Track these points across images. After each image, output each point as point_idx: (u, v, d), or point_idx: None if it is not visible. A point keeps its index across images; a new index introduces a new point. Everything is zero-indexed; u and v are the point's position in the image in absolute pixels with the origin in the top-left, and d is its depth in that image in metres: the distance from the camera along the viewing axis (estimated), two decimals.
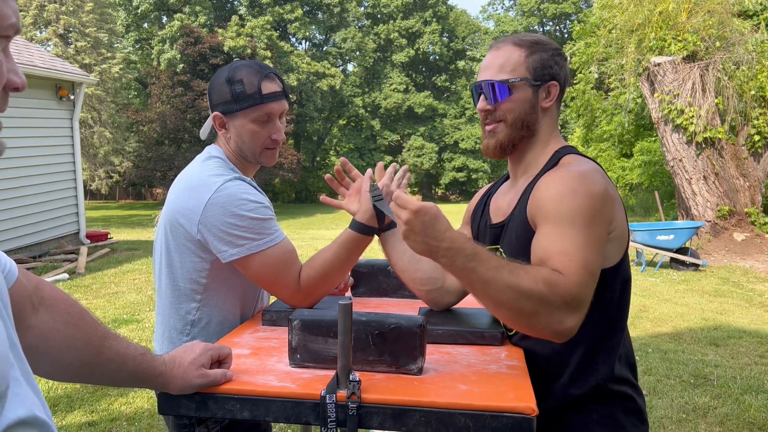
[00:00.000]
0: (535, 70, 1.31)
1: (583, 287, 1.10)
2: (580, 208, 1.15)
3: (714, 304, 6.67)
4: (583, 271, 1.11)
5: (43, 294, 0.96)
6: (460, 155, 36.39)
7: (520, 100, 1.31)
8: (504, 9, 44.41)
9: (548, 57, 1.32)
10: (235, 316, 1.57)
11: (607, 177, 1.25)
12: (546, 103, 1.33)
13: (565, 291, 1.08)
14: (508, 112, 1.32)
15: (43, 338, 0.94)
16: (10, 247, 8.22)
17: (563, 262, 1.11)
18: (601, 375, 1.25)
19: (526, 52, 1.32)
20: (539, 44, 1.33)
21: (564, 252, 1.12)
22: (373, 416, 1.05)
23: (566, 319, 1.09)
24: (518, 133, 1.33)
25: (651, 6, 10.85)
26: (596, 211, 1.16)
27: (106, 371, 1.02)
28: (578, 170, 1.22)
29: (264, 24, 29.81)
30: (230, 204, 1.43)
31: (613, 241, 1.22)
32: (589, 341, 1.25)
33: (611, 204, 1.20)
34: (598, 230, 1.16)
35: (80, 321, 0.98)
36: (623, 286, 1.28)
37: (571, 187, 1.18)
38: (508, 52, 1.33)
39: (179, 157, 24.58)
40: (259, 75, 1.51)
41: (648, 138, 17.78)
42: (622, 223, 1.25)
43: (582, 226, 1.14)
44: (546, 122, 1.35)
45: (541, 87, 1.32)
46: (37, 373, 0.94)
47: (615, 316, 1.28)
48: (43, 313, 0.95)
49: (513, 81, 1.31)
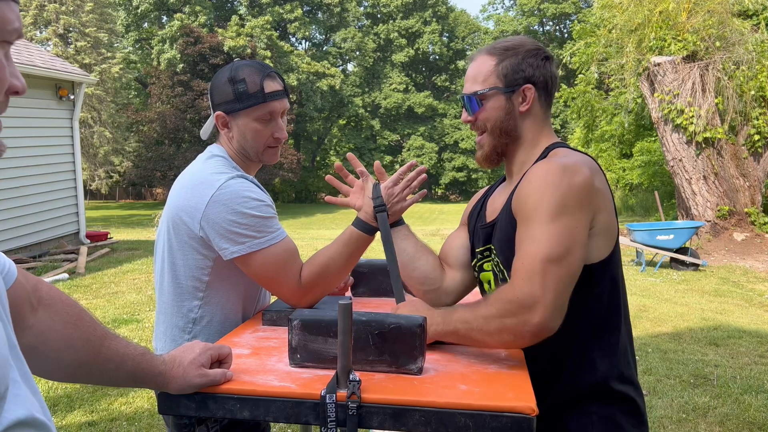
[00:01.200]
0: (506, 77, 1.32)
1: (535, 275, 1.13)
2: (551, 202, 1.17)
3: (714, 304, 6.68)
4: (534, 263, 1.14)
5: (42, 294, 0.96)
6: (460, 155, 36.39)
7: (493, 109, 1.33)
8: (504, 9, 44.45)
9: (520, 61, 1.32)
10: (237, 314, 1.57)
11: (598, 169, 1.25)
12: (523, 107, 1.34)
13: (514, 295, 1.14)
14: (486, 121, 1.35)
15: (42, 338, 0.94)
16: (10, 247, 8.23)
17: (516, 265, 1.18)
18: (600, 373, 1.25)
19: (496, 60, 1.33)
20: (510, 50, 1.33)
21: (524, 254, 1.18)
22: (373, 416, 1.05)
23: (530, 317, 1.12)
24: (499, 141, 1.35)
25: (651, 6, 10.85)
26: (572, 201, 1.17)
27: (106, 371, 1.02)
28: (561, 162, 1.23)
29: (264, 24, 29.81)
30: (233, 201, 1.44)
31: (598, 235, 1.22)
32: (582, 337, 1.26)
33: (595, 195, 1.20)
34: (572, 220, 1.16)
35: (79, 321, 0.98)
36: (613, 282, 1.28)
37: (550, 180, 1.19)
38: (480, 63, 1.35)
39: (179, 156, 24.59)
40: (261, 74, 1.52)
41: (648, 138, 17.78)
42: (610, 217, 1.24)
43: (548, 221, 1.16)
44: (529, 125, 1.35)
45: (514, 93, 1.33)
46: (36, 373, 0.94)
47: (608, 313, 1.27)
48: (42, 313, 0.95)
49: (482, 92, 1.33)
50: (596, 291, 1.25)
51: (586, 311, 1.24)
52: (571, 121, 25.55)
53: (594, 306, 1.25)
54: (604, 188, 1.24)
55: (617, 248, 1.29)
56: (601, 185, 1.23)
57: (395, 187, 1.55)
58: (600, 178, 1.24)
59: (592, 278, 1.23)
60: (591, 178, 1.20)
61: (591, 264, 1.23)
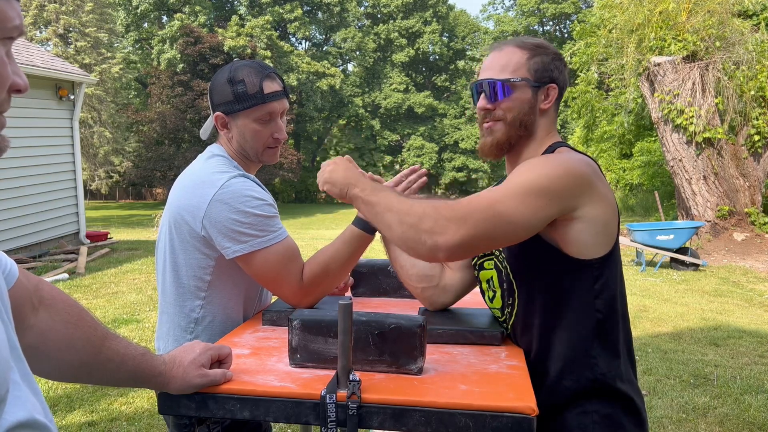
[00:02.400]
0: (536, 72, 1.33)
1: (476, 212, 1.15)
2: (533, 179, 1.19)
3: (714, 304, 6.68)
4: (486, 204, 1.16)
5: (43, 294, 0.96)
6: (460, 155, 36.37)
7: (519, 100, 1.33)
8: (504, 9, 44.44)
9: (549, 60, 1.35)
10: (238, 314, 1.57)
11: (597, 170, 1.26)
12: (545, 104, 1.35)
13: (450, 206, 1.16)
14: (507, 111, 1.34)
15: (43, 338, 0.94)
16: (10, 247, 8.23)
17: (472, 195, 1.21)
18: (600, 371, 1.25)
19: (528, 54, 1.34)
20: (541, 47, 1.36)
21: (485, 192, 1.21)
22: (373, 416, 1.05)
23: (446, 230, 1.14)
24: (516, 133, 1.35)
25: (651, 6, 10.85)
26: (553, 189, 1.18)
27: (106, 371, 1.02)
28: (563, 156, 1.26)
29: (264, 24, 29.81)
30: (234, 201, 1.44)
31: (589, 229, 1.21)
32: (581, 334, 1.25)
33: (587, 189, 1.21)
34: (540, 202, 1.17)
35: (80, 321, 0.98)
36: (612, 280, 1.27)
37: (544, 164, 1.22)
38: (510, 53, 1.35)
39: (179, 157, 24.58)
40: (260, 75, 1.52)
41: (648, 138, 17.78)
42: (605, 213, 1.23)
43: (523, 187, 1.18)
44: (543, 123, 1.37)
45: (540, 89, 1.34)
46: (37, 373, 0.94)
47: (608, 311, 1.26)
48: (43, 313, 0.95)
49: (514, 81, 1.33)
50: (595, 288, 1.25)
51: (584, 308, 1.25)
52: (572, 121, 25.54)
53: (593, 303, 1.25)
54: (604, 189, 1.24)
55: (617, 248, 1.29)
56: (601, 185, 1.24)
57: (397, 188, 1.57)
58: (600, 178, 1.25)
59: (590, 274, 1.24)
60: (587, 173, 1.22)
61: (588, 260, 1.23)
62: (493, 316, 1.47)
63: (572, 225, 1.22)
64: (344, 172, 1.32)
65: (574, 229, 1.22)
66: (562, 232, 1.23)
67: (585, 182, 1.21)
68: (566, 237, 1.23)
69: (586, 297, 1.25)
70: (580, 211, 1.21)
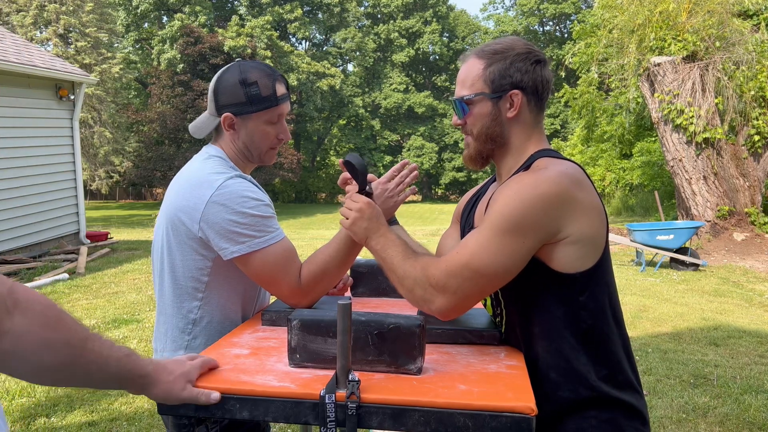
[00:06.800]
0: (493, 83, 1.30)
1: (453, 277, 1.20)
2: (508, 215, 1.18)
3: (714, 304, 6.68)
4: (461, 265, 1.19)
5: (18, 297, 0.92)
6: (459, 155, 36.14)
7: (480, 115, 1.32)
8: (504, 9, 44.45)
9: (507, 66, 1.29)
10: (236, 314, 1.57)
11: (581, 180, 1.22)
12: (510, 113, 1.31)
13: (432, 275, 1.21)
14: (472, 126, 1.34)
15: (20, 341, 0.91)
16: (10, 247, 8.23)
17: (453, 252, 1.23)
18: (593, 382, 1.23)
19: (484, 65, 1.31)
20: (499, 53, 1.31)
21: (461, 250, 1.22)
22: (373, 416, 1.05)
23: (434, 299, 1.22)
24: (485, 146, 1.35)
25: (651, 6, 10.85)
26: (530, 221, 1.16)
27: (88, 373, 1.00)
28: (536, 176, 1.20)
29: (264, 24, 29.82)
30: (232, 201, 1.44)
31: (576, 245, 1.20)
32: (571, 346, 1.24)
33: (567, 208, 1.18)
34: (516, 242, 1.17)
35: (59, 323, 0.96)
36: (601, 291, 1.25)
37: (519, 194, 1.19)
38: (471, 66, 1.34)
39: (179, 157, 24.58)
40: (272, 77, 1.55)
41: (648, 138, 17.78)
42: (592, 227, 1.21)
43: (496, 230, 1.18)
44: (517, 131, 1.33)
45: (502, 98, 1.31)
46: (17, 376, 0.92)
47: (597, 322, 1.24)
48: (18, 316, 0.91)
49: (469, 97, 1.32)
50: (581, 300, 1.23)
51: (572, 321, 1.23)
52: (572, 121, 25.54)
53: (581, 316, 1.23)
54: (588, 198, 1.21)
55: (606, 256, 1.26)
56: (584, 196, 1.20)
57: (389, 183, 1.59)
58: (583, 188, 1.21)
59: (575, 288, 1.22)
60: (564, 191, 1.18)
61: (574, 273, 1.21)
62: (491, 316, 1.47)
63: (558, 246, 1.20)
64: (367, 223, 1.38)
65: (561, 249, 1.20)
66: (548, 251, 1.21)
67: (563, 202, 1.18)
68: (552, 255, 1.21)
69: (571, 309, 1.23)
70: (564, 232, 1.19)
